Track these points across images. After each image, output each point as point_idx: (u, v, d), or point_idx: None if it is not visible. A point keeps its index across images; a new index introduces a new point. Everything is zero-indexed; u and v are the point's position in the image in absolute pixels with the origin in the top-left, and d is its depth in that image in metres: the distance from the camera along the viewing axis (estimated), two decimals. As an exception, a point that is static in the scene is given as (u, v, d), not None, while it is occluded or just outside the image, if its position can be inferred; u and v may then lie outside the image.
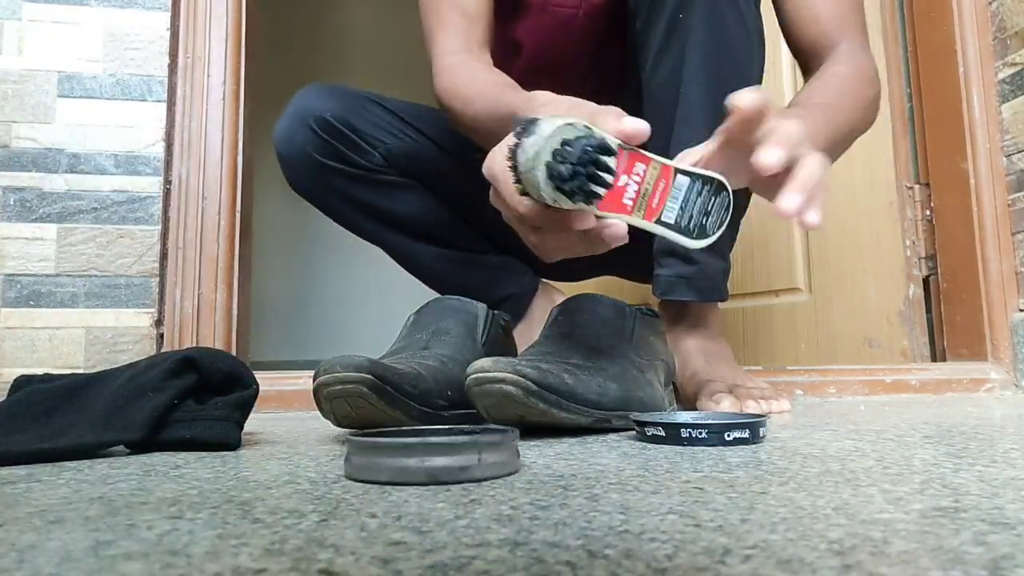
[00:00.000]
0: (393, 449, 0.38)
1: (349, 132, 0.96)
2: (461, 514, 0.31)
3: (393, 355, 0.63)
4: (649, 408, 0.61)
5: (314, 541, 0.26)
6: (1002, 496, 0.33)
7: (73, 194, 0.90)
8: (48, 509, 0.33)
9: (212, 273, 0.92)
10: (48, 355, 0.87)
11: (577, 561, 0.23)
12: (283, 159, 1.00)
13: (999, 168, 1.13)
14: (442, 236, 1.06)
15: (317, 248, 2.67)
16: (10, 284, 0.87)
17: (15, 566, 0.24)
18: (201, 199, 0.93)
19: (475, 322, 0.68)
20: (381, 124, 1.00)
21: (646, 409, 0.61)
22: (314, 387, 0.55)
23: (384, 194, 1.01)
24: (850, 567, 0.23)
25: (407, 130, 1.02)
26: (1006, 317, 1.10)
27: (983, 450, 0.47)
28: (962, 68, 1.15)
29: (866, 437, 0.55)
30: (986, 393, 1.04)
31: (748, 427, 0.51)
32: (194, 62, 0.96)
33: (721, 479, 0.38)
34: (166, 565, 0.24)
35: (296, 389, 0.89)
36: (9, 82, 0.90)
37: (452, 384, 0.59)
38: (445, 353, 0.63)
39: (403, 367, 0.57)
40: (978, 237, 1.12)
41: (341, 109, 0.97)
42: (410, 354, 0.63)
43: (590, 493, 0.35)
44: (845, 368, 1.02)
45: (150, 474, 0.42)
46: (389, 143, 0.99)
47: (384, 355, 0.64)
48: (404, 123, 1.02)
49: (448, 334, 0.66)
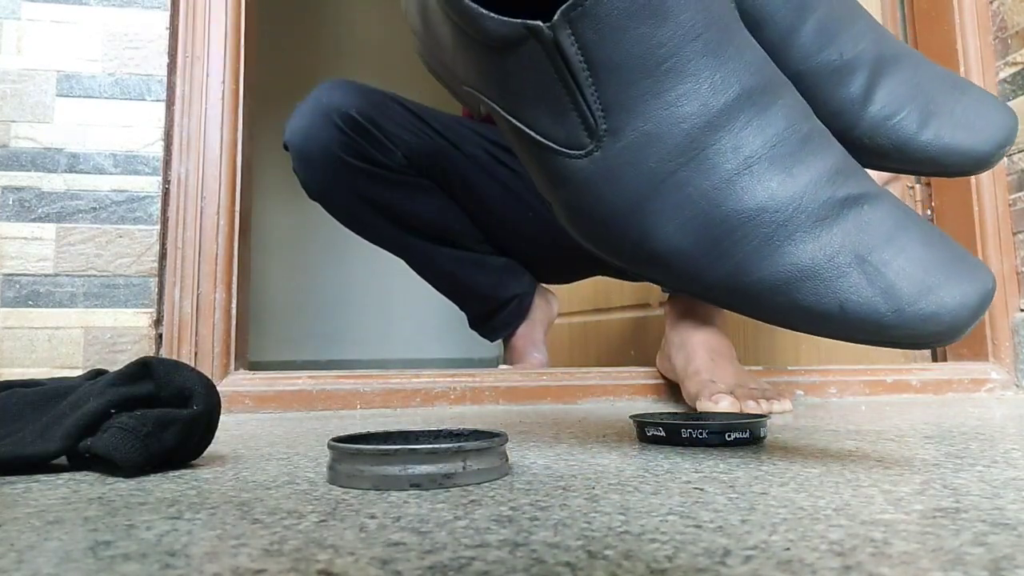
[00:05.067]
0: (375, 456, 0.37)
1: (374, 130, 0.95)
2: (460, 515, 0.30)
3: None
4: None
5: (313, 542, 0.26)
6: (1003, 497, 0.33)
7: (72, 194, 0.90)
8: (47, 509, 0.33)
9: (211, 273, 0.92)
10: (47, 355, 0.87)
11: (577, 562, 0.23)
12: (301, 156, 0.99)
13: (1000, 168, 1.13)
14: (454, 238, 1.06)
15: (317, 248, 2.67)
16: (9, 284, 0.87)
17: (14, 566, 0.24)
18: (200, 199, 0.93)
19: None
20: (403, 123, 0.99)
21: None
22: None
23: (404, 195, 1.00)
24: (851, 568, 0.22)
25: (427, 130, 1.01)
26: (1007, 317, 1.10)
27: (984, 451, 0.47)
28: (963, 67, 1.15)
29: (867, 437, 0.55)
30: (987, 393, 1.03)
31: (748, 427, 0.51)
32: (193, 61, 0.96)
33: (721, 480, 0.38)
34: (165, 566, 0.24)
35: (295, 389, 0.89)
36: (8, 81, 0.90)
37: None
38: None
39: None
40: (979, 237, 1.12)
41: (367, 105, 0.96)
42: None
43: (590, 494, 0.35)
44: (846, 368, 1.02)
45: (149, 474, 0.42)
46: (411, 142, 0.99)
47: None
48: (424, 123, 1.02)
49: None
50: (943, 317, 0.34)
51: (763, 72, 0.37)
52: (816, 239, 0.36)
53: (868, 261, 0.35)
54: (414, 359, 2.64)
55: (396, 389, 0.91)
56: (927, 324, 0.34)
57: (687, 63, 0.35)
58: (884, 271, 0.35)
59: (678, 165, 0.37)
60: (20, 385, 0.52)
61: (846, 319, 0.36)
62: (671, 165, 0.37)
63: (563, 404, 0.93)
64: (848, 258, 0.35)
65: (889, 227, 0.35)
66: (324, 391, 0.89)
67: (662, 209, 0.37)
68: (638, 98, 0.36)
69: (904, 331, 0.35)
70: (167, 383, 0.46)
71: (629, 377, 0.97)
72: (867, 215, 0.36)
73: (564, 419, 0.74)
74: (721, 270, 0.38)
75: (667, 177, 0.37)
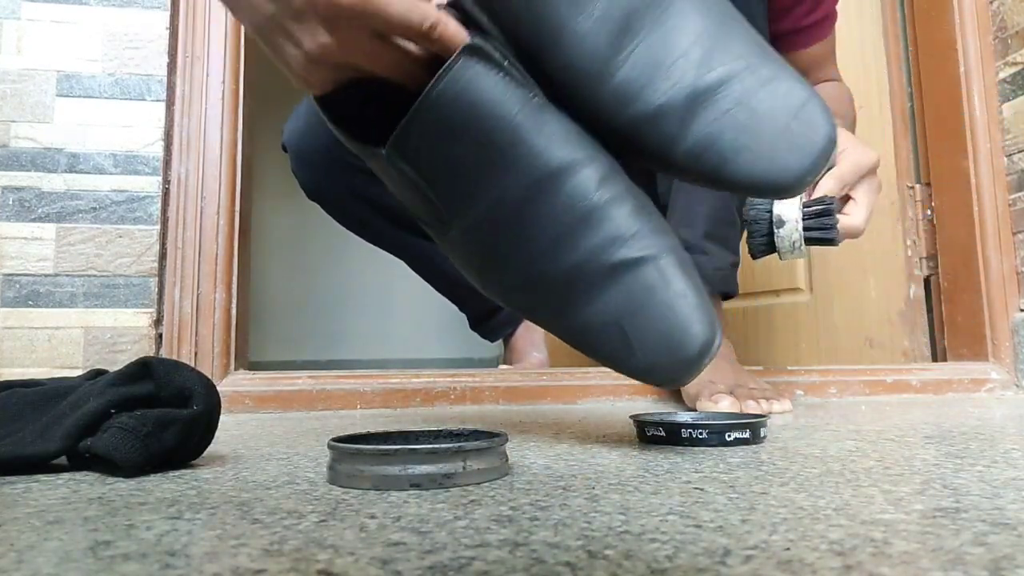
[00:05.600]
0: (375, 456, 0.37)
1: None
2: (461, 515, 0.30)
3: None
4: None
5: (313, 542, 0.26)
6: (1003, 496, 0.33)
7: (72, 194, 0.90)
8: (47, 509, 0.33)
9: (211, 273, 0.92)
10: (47, 355, 0.87)
11: (577, 562, 0.23)
12: (299, 157, 0.99)
13: (1000, 168, 1.13)
14: None
15: (317, 248, 2.67)
16: (9, 284, 0.87)
17: (14, 566, 0.24)
18: (200, 198, 0.93)
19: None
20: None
21: None
22: None
23: None
24: (851, 568, 0.22)
25: None
26: (1007, 317, 1.10)
27: (984, 450, 0.47)
28: (963, 67, 1.15)
29: (867, 437, 0.55)
30: (987, 393, 1.03)
31: (749, 427, 0.51)
32: (193, 61, 0.96)
33: (721, 480, 0.38)
34: (165, 566, 0.24)
35: (295, 389, 0.89)
36: (8, 81, 0.90)
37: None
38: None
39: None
40: (979, 237, 1.12)
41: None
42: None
43: (590, 494, 0.35)
44: (846, 368, 1.02)
45: (149, 474, 0.42)
46: None
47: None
48: None
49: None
50: (658, 375, 0.44)
51: (564, 149, 0.44)
52: (590, 303, 0.45)
53: (622, 326, 0.44)
54: (414, 359, 2.64)
55: (396, 389, 0.91)
56: (653, 376, 0.45)
57: (487, 167, 0.44)
58: (636, 334, 0.44)
59: (499, 246, 0.46)
60: (20, 385, 0.52)
61: (616, 367, 0.46)
62: (496, 242, 0.46)
63: (563, 404, 0.93)
64: (612, 319, 0.44)
65: (641, 296, 0.44)
66: (324, 391, 0.89)
67: (500, 272, 0.47)
68: (462, 198, 0.45)
69: (644, 378, 0.46)
70: (167, 383, 0.46)
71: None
72: (631, 281, 0.44)
73: (564, 419, 0.74)
74: (545, 315, 0.47)
75: (494, 250, 0.46)
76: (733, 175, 0.44)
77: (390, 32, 0.43)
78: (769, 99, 0.43)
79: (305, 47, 0.43)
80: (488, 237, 0.46)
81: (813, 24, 0.87)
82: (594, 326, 0.45)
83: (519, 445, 0.53)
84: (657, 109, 0.44)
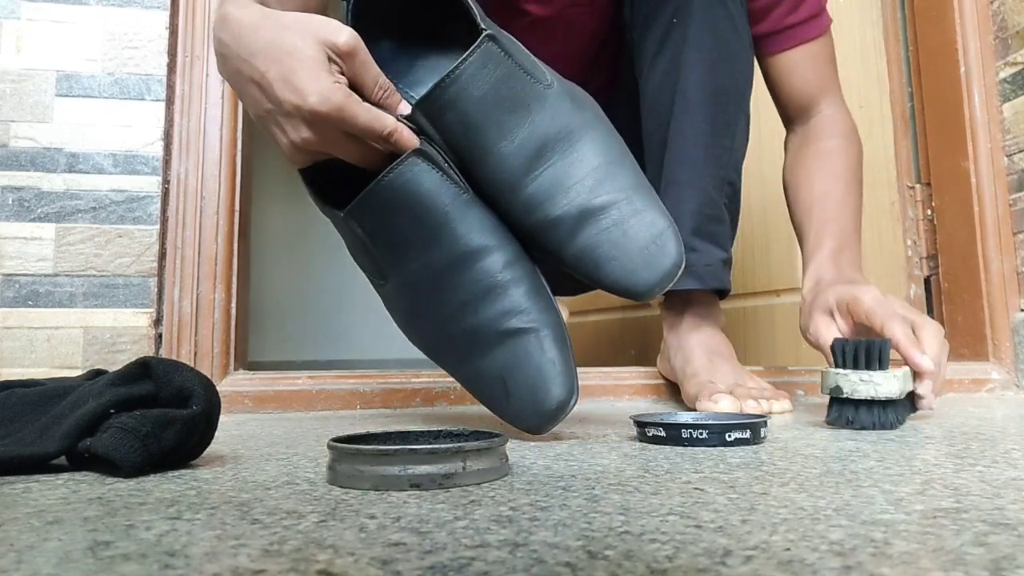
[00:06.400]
0: (375, 456, 0.37)
1: None
2: (460, 515, 0.30)
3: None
4: None
5: (313, 542, 0.26)
6: (1003, 497, 0.33)
7: (71, 193, 0.90)
8: (46, 509, 0.33)
9: (211, 273, 0.92)
10: (46, 355, 0.87)
11: (577, 562, 0.23)
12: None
13: (1000, 168, 1.13)
14: None
15: (317, 248, 2.67)
16: (8, 284, 0.87)
17: (13, 566, 0.24)
18: (200, 198, 0.93)
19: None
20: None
21: None
22: None
23: None
24: (851, 568, 0.22)
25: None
26: (1007, 317, 1.10)
27: (984, 451, 0.47)
28: (963, 67, 1.15)
29: (867, 437, 0.55)
30: (987, 393, 1.03)
31: (749, 427, 0.51)
32: (193, 61, 0.95)
33: (722, 480, 0.38)
34: (164, 566, 0.24)
35: (295, 389, 0.88)
36: (7, 81, 0.90)
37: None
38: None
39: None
40: (979, 237, 1.12)
41: None
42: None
43: (590, 494, 0.35)
44: (845, 368, 1.02)
45: (148, 474, 0.42)
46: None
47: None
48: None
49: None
50: (525, 422, 0.56)
51: (481, 236, 0.56)
52: (483, 358, 0.57)
53: (504, 379, 0.56)
54: (414, 359, 2.64)
55: (396, 389, 0.91)
56: (521, 422, 0.56)
57: (420, 240, 0.56)
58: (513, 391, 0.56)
59: (421, 302, 0.58)
60: (20, 385, 0.51)
61: (494, 410, 0.58)
62: (419, 298, 0.58)
63: (563, 404, 0.93)
64: (497, 373, 0.56)
65: (522, 358, 0.55)
66: (324, 391, 0.89)
67: (419, 325, 0.60)
68: (398, 260, 0.57)
69: (514, 422, 0.57)
70: (167, 383, 0.46)
71: (629, 377, 0.97)
72: (515, 346, 0.56)
73: (564, 419, 0.74)
74: (449, 361, 0.60)
75: (417, 305, 0.58)
76: (604, 278, 0.55)
77: (358, 134, 0.54)
78: (638, 225, 0.55)
79: (291, 138, 0.54)
80: (414, 294, 0.58)
81: (796, 24, 0.87)
82: (484, 376, 0.57)
83: (519, 445, 0.53)
84: (555, 219, 0.56)
